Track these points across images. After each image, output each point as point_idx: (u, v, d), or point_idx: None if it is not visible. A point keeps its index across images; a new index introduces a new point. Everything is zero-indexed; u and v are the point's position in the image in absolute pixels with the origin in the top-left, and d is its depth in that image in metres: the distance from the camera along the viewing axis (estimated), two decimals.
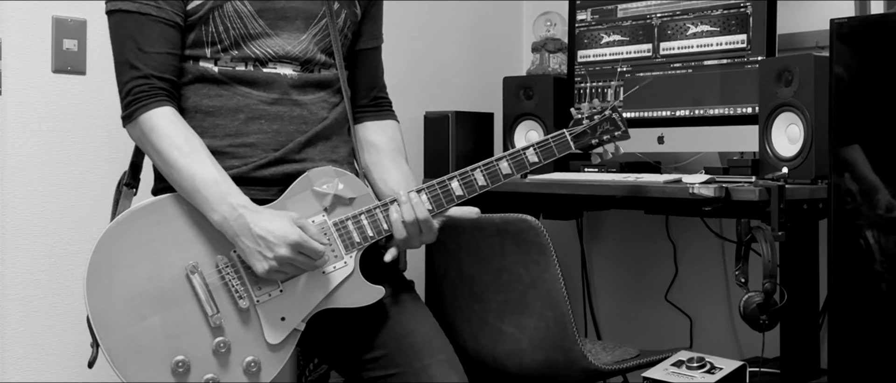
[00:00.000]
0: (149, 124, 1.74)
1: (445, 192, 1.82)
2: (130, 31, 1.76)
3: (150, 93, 1.75)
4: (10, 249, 2.31)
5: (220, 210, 1.71)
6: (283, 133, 1.82)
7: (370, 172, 1.96)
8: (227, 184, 1.73)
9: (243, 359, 1.74)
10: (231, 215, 1.70)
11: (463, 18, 3.14)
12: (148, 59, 1.76)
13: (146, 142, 1.76)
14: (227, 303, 1.74)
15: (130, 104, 1.75)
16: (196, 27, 1.79)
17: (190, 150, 1.74)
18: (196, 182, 1.71)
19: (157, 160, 1.76)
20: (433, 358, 1.81)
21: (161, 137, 1.74)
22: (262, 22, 1.81)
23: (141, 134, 1.76)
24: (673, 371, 2.06)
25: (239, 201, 1.71)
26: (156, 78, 1.76)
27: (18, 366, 2.33)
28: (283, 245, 1.69)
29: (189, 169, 1.72)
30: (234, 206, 1.70)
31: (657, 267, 2.89)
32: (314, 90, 1.87)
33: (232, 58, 1.81)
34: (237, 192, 1.73)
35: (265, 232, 1.69)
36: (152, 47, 1.76)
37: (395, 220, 1.78)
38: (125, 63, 1.76)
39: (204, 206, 1.72)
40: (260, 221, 1.70)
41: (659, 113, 2.54)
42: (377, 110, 2.03)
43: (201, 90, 1.81)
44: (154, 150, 1.75)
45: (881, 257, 1.83)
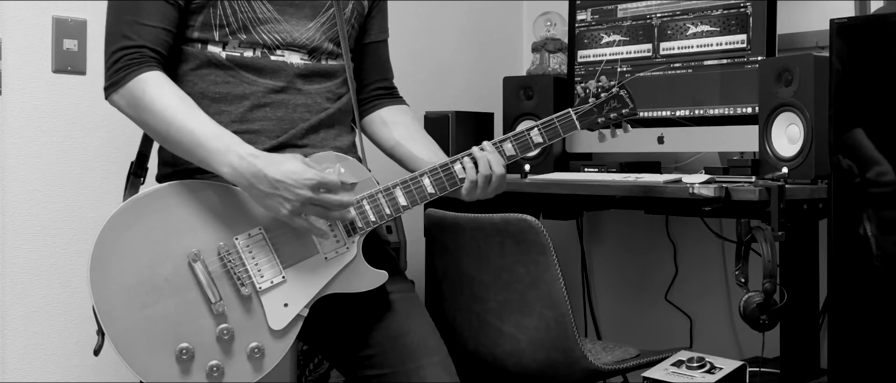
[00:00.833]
0: (140, 86, 1.73)
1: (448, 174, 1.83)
2: (129, 5, 1.75)
3: (140, 59, 1.74)
4: (10, 249, 2.31)
5: (227, 160, 1.69)
6: (288, 120, 1.83)
7: (400, 147, 1.98)
8: (228, 135, 1.71)
9: (247, 346, 1.75)
10: (240, 165, 1.68)
11: (463, 18, 3.14)
12: (142, 31, 1.75)
13: (137, 104, 1.73)
14: (230, 290, 1.75)
15: (118, 71, 1.74)
16: (204, 9, 1.79)
17: (186, 108, 1.72)
18: (197, 135, 1.70)
19: (152, 122, 1.73)
20: (427, 359, 1.81)
21: (155, 97, 1.72)
22: (271, 7, 1.81)
23: (131, 97, 1.73)
24: (673, 371, 2.06)
25: (246, 150, 1.70)
26: (146, 48, 1.75)
27: (18, 366, 2.33)
28: (304, 186, 1.67)
29: (187, 124, 1.70)
30: (241, 156, 1.69)
31: (657, 267, 2.89)
32: (320, 80, 1.87)
33: (240, 42, 1.81)
34: (241, 142, 1.71)
35: (283, 175, 1.67)
36: (148, 21, 1.75)
37: (481, 158, 1.80)
38: (117, 33, 1.75)
39: (209, 160, 1.70)
40: (273, 166, 1.68)
41: (659, 113, 2.54)
42: (391, 97, 2.06)
43: (208, 76, 1.81)
44: (148, 112, 1.73)
45: (881, 257, 1.83)
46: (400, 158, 1.99)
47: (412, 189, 1.81)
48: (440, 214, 2.25)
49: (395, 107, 2.04)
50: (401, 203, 1.80)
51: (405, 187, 1.80)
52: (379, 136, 2.02)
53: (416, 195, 1.81)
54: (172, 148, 1.75)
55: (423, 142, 1.99)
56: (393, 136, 2.00)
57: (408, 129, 2.01)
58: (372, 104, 2.03)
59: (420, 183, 1.81)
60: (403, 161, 1.98)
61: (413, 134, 2.00)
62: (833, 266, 1.92)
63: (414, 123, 2.03)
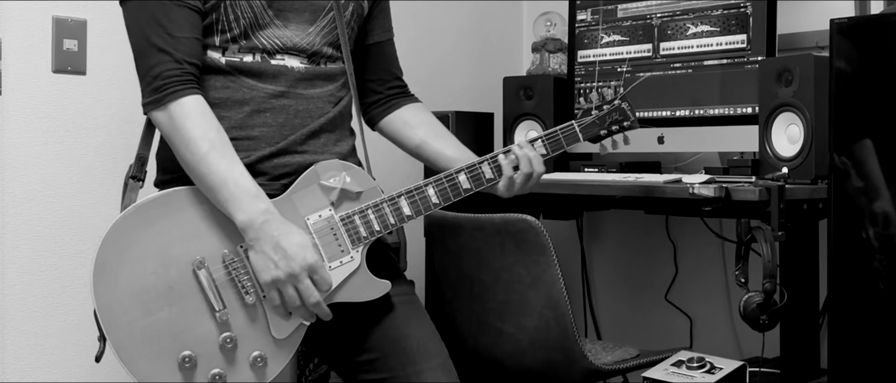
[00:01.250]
0: (182, 111, 1.72)
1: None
2: (155, 15, 1.73)
3: (182, 78, 1.73)
4: (10, 249, 2.31)
5: (248, 211, 1.69)
6: (288, 126, 1.82)
7: (427, 146, 1.99)
8: (257, 187, 1.72)
9: (250, 354, 1.75)
10: (258, 220, 1.69)
11: (463, 18, 3.14)
12: (178, 44, 1.73)
13: (173, 129, 1.72)
14: (234, 299, 1.74)
15: (161, 89, 1.72)
16: (207, 15, 1.78)
17: (222, 145, 1.72)
18: (227, 178, 1.70)
19: (182, 149, 1.72)
20: (427, 363, 1.81)
21: (193, 127, 1.71)
22: (272, 12, 1.81)
23: (169, 120, 1.72)
24: (673, 371, 2.06)
25: (269, 207, 1.71)
26: (187, 63, 1.74)
27: (18, 367, 2.33)
28: (299, 262, 1.69)
29: (220, 164, 1.70)
30: (263, 211, 1.70)
31: (657, 267, 2.89)
32: (321, 84, 1.87)
33: (240, 47, 1.80)
34: (266, 198, 1.72)
35: (288, 245, 1.69)
36: (181, 32, 1.73)
37: (522, 157, 1.83)
38: (153, 47, 1.73)
39: (229, 204, 1.70)
40: (284, 233, 1.70)
41: (659, 113, 2.54)
42: (405, 96, 2.06)
43: (207, 81, 1.80)
44: (182, 139, 1.72)
45: (881, 256, 1.83)
46: (426, 157, 2.00)
47: (417, 199, 1.81)
48: (440, 214, 2.25)
49: (413, 106, 2.05)
50: (405, 213, 1.80)
51: (410, 197, 1.80)
52: (402, 137, 2.03)
53: (421, 205, 1.81)
54: (195, 178, 1.74)
55: (446, 138, 2.00)
56: (417, 136, 2.00)
57: (431, 128, 2.02)
58: (390, 104, 2.04)
59: (425, 193, 1.81)
60: (430, 159, 1.99)
61: (436, 132, 2.01)
62: (833, 266, 1.91)
63: (434, 121, 2.04)
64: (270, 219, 1.70)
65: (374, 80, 2.03)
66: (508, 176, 1.84)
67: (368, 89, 2.04)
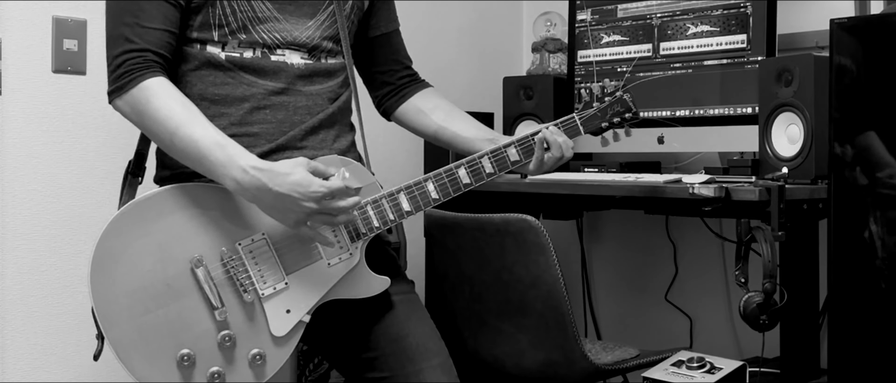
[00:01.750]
0: (144, 93, 1.71)
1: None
2: (130, 8, 1.73)
3: (144, 65, 1.72)
4: (10, 249, 2.31)
5: (230, 173, 1.67)
6: (287, 122, 1.82)
7: (444, 130, 1.99)
8: (232, 145, 1.69)
9: (249, 352, 1.75)
10: (244, 178, 1.67)
11: (463, 18, 3.14)
12: (144, 34, 1.73)
13: (142, 111, 1.71)
14: (232, 297, 1.74)
15: (122, 76, 1.72)
16: (203, 9, 1.78)
17: (189, 116, 1.70)
18: (200, 146, 1.68)
19: (156, 129, 1.71)
20: (427, 362, 1.81)
21: (159, 106, 1.70)
22: (270, 5, 1.81)
23: (136, 103, 1.71)
24: (673, 371, 2.06)
25: (249, 161, 1.68)
26: (151, 52, 1.73)
27: (19, 367, 2.33)
28: (310, 198, 1.67)
29: (191, 135, 1.68)
30: (245, 169, 1.67)
31: (657, 267, 2.89)
32: (321, 80, 1.87)
33: (240, 42, 1.80)
34: (244, 153, 1.69)
35: (289, 188, 1.66)
36: (151, 23, 1.73)
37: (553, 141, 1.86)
38: (119, 37, 1.73)
39: (213, 172, 1.69)
40: (279, 178, 1.66)
41: (659, 113, 2.54)
42: (416, 82, 2.07)
43: (207, 77, 1.80)
44: (152, 120, 1.71)
45: (882, 256, 1.83)
46: (445, 141, 2.01)
47: (416, 194, 1.81)
48: (440, 214, 2.25)
49: (425, 92, 2.05)
50: (404, 209, 1.80)
51: (409, 192, 1.80)
52: (418, 125, 2.03)
53: (421, 200, 1.81)
54: (176, 156, 1.73)
55: (463, 120, 2.01)
56: (433, 122, 2.01)
57: (445, 111, 2.02)
58: (402, 93, 2.04)
59: (424, 188, 1.81)
60: (450, 143, 2.00)
61: (451, 114, 2.02)
62: (833, 266, 1.91)
63: (448, 104, 2.05)
64: (255, 173, 1.67)
65: (385, 71, 2.03)
66: (539, 157, 1.86)
67: (380, 81, 2.04)
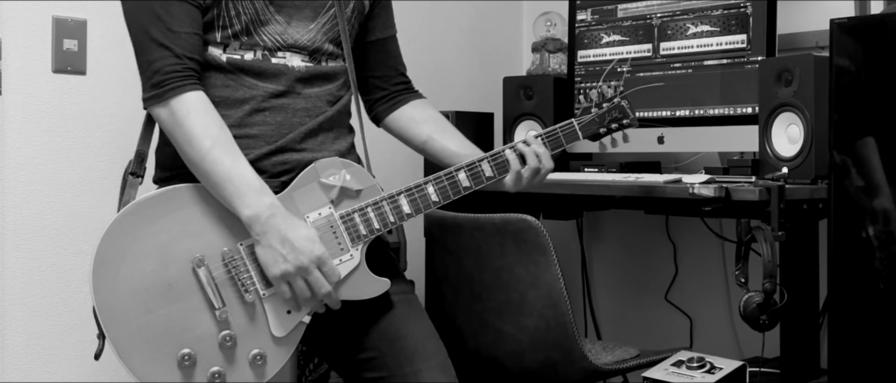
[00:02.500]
0: (184, 107, 1.71)
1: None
2: (155, 10, 1.72)
3: (183, 74, 1.72)
4: (10, 249, 2.31)
5: (253, 206, 1.69)
6: (286, 125, 1.82)
7: (433, 142, 1.99)
8: (261, 182, 1.72)
9: (249, 352, 1.75)
10: (264, 214, 1.69)
11: (463, 18, 3.14)
12: (178, 40, 1.72)
13: (175, 125, 1.72)
14: (233, 297, 1.74)
15: (161, 84, 1.71)
16: (208, 12, 1.78)
17: (226, 142, 1.72)
18: (231, 174, 1.70)
19: (185, 145, 1.72)
20: (425, 362, 1.81)
21: (196, 123, 1.71)
22: (273, 9, 1.81)
23: (171, 116, 1.72)
24: (673, 371, 2.06)
25: (274, 201, 1.71)
26: (188, 59, 1.73)
27: (19, 367, 2.33)
28: (308, 255, 1.70)
29: (224, 160, 1.70)
30: (268, 206, 1.70)
31: (657, 267, 2.89)
32: (321, 83, 1.87)
33: (241, 44, 1.80)
34: (271, 192, 1.72)
35: (296, 238, 1.69)
36: (181, 27, 1.73)
37: (529, 152, 1.85)
38: (153, 42, 1.72)
39: (234, 199, 1.70)
40: (291, 227, 1.70)
41: (659, 113, 2.54)
42: (410, 92, 2.07)
43: (208, 79, 1.80)
44: (184, 135, 1.71)
45: (881, 256, 1.83)
46: (432, 153, 2.00)
47: (416, 197, 1.81)
48: (441, 214, 2.25)
49: (418, 103, 2.06)
50: (405, 211, 1.81)
51: (410, 195, 1.81)
52: (408, 133, 2.03)
53: (421, 203, 1.81)
54: (199, 174, 1.73)
55: (452, 134, 2.01)
56: (423, 132, 2.01)
57: (437, 124, 2.03)
58: (396, 100, 2.04)
59: (424, 191, 1.81)
60: (436, 155, 1.99)
61: (442, 128, 2.02)
62: (833, 266, 1.91)
63: (439, 117, 2.05)
64: (276, 213, 1.70)
65: (379, 76, 2.03)
66: (516, 170, 1.84)
67: (373, 86, 2.04)
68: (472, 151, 1.94)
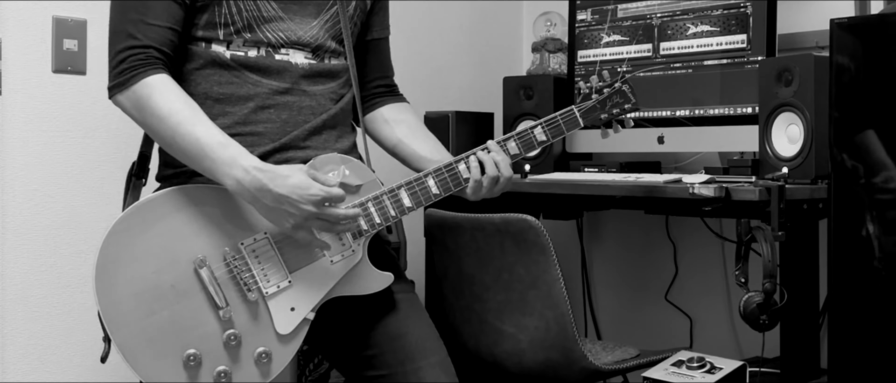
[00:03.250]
0: (146, 90, 1.71)
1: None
2: (135, 4, 1.74)
3: (146, 61, 1.72)
4: (10, 249, 2.31)
5: (232, 173, 1.68)
6: (291, 123, 1.82)
7: (403, 145, 1.98)
8: (234, 145, 1.70)
9: (254, 351, 1.75)
10: (245, 178, 1.68)
11: (463, 18, 3.14)
12: (148, 31, 1.73)
13: (143, 108, 1.72)
14: (236, 296, 1.74)
15: (124, 72, 1.72)
16: (209, 8, 1.78)
17: (191, 114, 1.71)
18: (202, 145, 1.69)
19: (157, 127, 1.72)
20: (425, 360, 1.81)
21: (160, 102, 1.70)
22: (275, 5, 1.81)
23: (137, 100, 1.72)
24: (673, 371, 2.06)
25: (250, 162, 1.69)
26: (152, 48, 1.73)
27: (19, 367, 2.33)
28: (308, 201, 1.68)
29: (193, 132, 1.69)
30: (246, 169, 1.68)
31: (657, 267, 2.90)
32: (324, 81, 1.87)
33: (245, 41, 1.80)
34: (245, 153, 1.70)
35: (288, 190, 1.67)
36: (155, 20, 1.73)
37: (487, 160, 1.81)
38: (122, 32, 1.73)
39: (214, 171, 1.70)
40: (279, 179, 1.68)
41: (659, 113, 2.54)
42: (392, 95, 2.06)
43: (212, 76, 1.80)
44: (153, 116, 1.71)
45: (879, 256, 1.83)
46: (402, 157, 1.99)
47: (417, 190, 1.81)
48: (441, 214, 2.25)
49: (396, 105, 2.04)
50: (406, 205, 1.80)
51: (410, 188, 1.80)
52: (381, 135, 2.02)
53: (422, 196, 1.81)
54: (177, 154, 1.73)
55: (425, 139, 1.99)
56: (395, 135, 2.00)
57: (409, 127, 2.00)
58: (373, 102, 2.03)
59: (425, 183, 1.81)
60: (406, 159, 1.98)
61: (415, 132, 2.00)
62: (833, 266, 1.91)
63: (415, 121, 2.03)
64: (256, 174, 1.68)
65: (364, 75, 2.02)
66: (476, 179, 1.82)
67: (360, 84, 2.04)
68: (443, 157, 1.92)
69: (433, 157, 1.93)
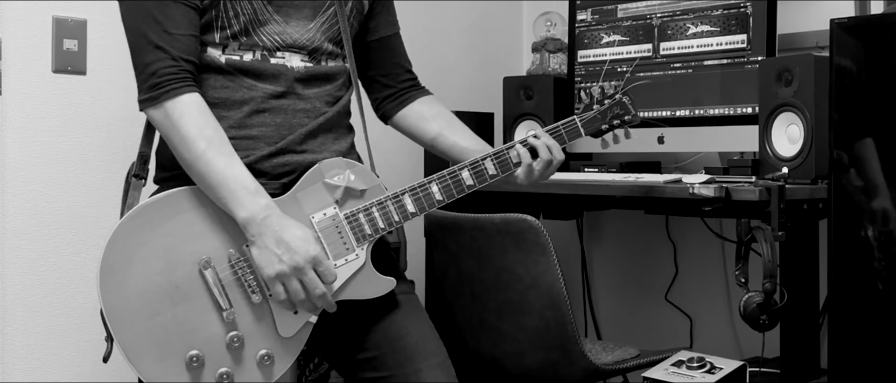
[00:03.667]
0: (179, 110, 1.71)
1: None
2: (152, 12, 1.73)
3: (179, 76, 1.72)
4: (10, 249, 2.31)
5: (249, 208, 1.69)
6: (286, 126, 1.82)
7: (442, 138, 2.00)
8: (255, 183, 1.72)
9: (257, 353, 1.75)
10: (259, 215, 1.69)
11: (463, 18, 3.14)
12: (174, 42, 1.72)
13: (171, 127, 1.72)
14: (240, 298, 1.74)
15: (157, 87, 1.72)
16: (207, 12, 1.78)
17: (220, 143, 1.72)
18: (227, 176, 1.70)
19: (180, 147, 1.72)
20: (425, 362, 1.81)
21: (190, 125, 1.71)
22: (271, 8, 1.81)
23: (166, 118, 1.72)
24: (673, 371, 2.06)
25: (269, 202, 1.71)
26: (184, 61, 1.73)
27: (19, 366, 2.33)
28: (303, 255, 1.69)
29: (218, 162, 1.70)
30: (263, 207, 1.70)
31: (657, 267, 2.90)
32: (320, 84, 1.87)
33: (241, 44, 1.80)
34: (265, 194, 1.72)
35: (291, 238, 1.69)
36: (177, 29, 1.73)
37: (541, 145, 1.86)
38: (149, 44, 1.72)
39: (229, 201, 1.70)
40: (286, 227, 1.70)
41: (659, 113, 2.54)
42: (417, 88, 2.06)
43: (207, 81, 1.80)
44: (180, 138, 1.72)
45: (880, 256, 1.83)
46: (442, 150, 2.01)
47: (421, 196, 1.81)
48: (441, 214, 2.25)
49: (426, 99, 2.05)
50: (409, 210, 1.81)
51: (414, 194, 1.81)
52: (418, 131, 2.03)
53: (425, 202, 1.81)
54: (193, 176, 1.74)
55: (462, 131, 2.01)
56: (434, 129, 2.01)
57: (446, 121, 2.02)
58: (405, 97, 2.04)
59: (428, 190, 1.81)
60: (446, 152, 2.00)
61: (451, 124, 2.02)
62: (833, 266, 1.92)
63: (449, 113, 2.05)
64: (271, 215, 1.70)
65: (385, 74, 2.03)
66: (527, 164, 1.85)
67: (380, 84, 2.04)
68: (483, 147, 1.95)
69: (475, 147, 1.95)
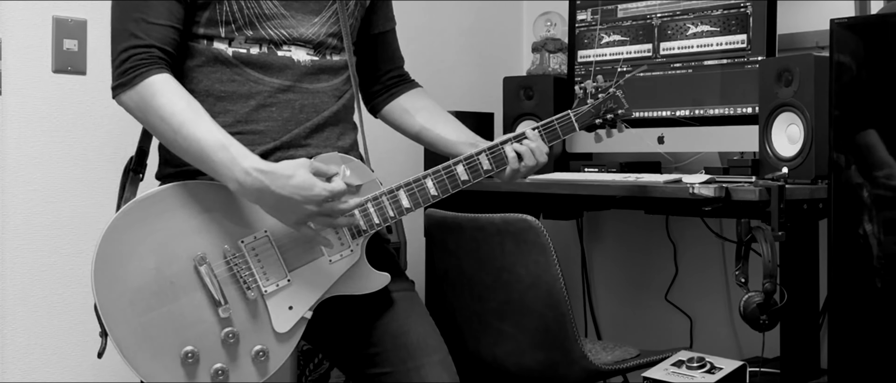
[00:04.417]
0: (150, 89, 1.71)
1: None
2: (136, 3, 1.74)
3: (149, 60, 1.72)
4: (10, 249, 2.31)
5: (233, 175, 1.68)
6: (293, 121, 1.82)
7: (426, 131, 2.00)
8: (234, 146, 1.69)
9: (252, 349, 1.75)
10: (246, 180, 1.67)
11: (463, 19, 3.14)
12: (151, 30, 1.73)
13: (146, 107, 1.72)
14: (235, 294, 1.74)
15: (128, 71, 1.72)
16: (210, 5, 1.78)
17: (194, 114, 1.71)
18: (203, 146, 1.69)
19: (159, 126, 1.72)
20: (427, 358, 1.82)
21: (163, 102, 1.70)
22: (276, 2, 1.81)
23: (140, 99, 1.72)
24: (673, 371, 2.06)
25: (251, 163, 1.68)
26: (156, 48, 1.73)
27: (19, 366, 2.33)
28: (311, 201, 1.68)
29: (194, 133, 1.69)
30: (247, 171, 1.67)
31: (657, 267, 2.90)
32: (326, 78, 1.87)
33: (246, 38, 1.80)
34: (246, 154, 1.69)
35: (290, 191, 1.67)
36: (157, 19, 1.73)
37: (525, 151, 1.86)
38: (125, 31, 1.73)
39: (216, 171, 1.70)
40: (281, 180, 1.67)
41: (659, 113, 2.54)
42: (406, 83, 2.07)
43: (213, 74, 1.80)
44: (156, 116, 1.71)
45: (877, 255, 1.83)
46: (427, 143, 2.01)
47: (415, 191, 1.81)
48: (441, 214, 2.25)
49: (412, 93, 2.06)
50: (404, 205, 1.81)
51: (408, 189, 1.81)
52: (402, 124, 2.04)
53: (420, 197, 1.81)
54: (178, 154, 1.73)
55: (446, 122, 2.01)
56: (417, 122, 2.02)
57: (430, 113, 2.03)
58: (389, 93, 2.05)
59: (423, 185, 1.81)
60: (432, 144, 2.00)
61: (436, 117, 2.02)
62: (833, 266, 1.92)
63: (434, 105, 2.05)
64: (258, 176, 1.67)
65: (377, 68, 2.04)
66: (513, 168, 1.86)
67: (371, 78, 2.05)
68: (468, 137, 1.96)
69: (460, 139, 1.95)
